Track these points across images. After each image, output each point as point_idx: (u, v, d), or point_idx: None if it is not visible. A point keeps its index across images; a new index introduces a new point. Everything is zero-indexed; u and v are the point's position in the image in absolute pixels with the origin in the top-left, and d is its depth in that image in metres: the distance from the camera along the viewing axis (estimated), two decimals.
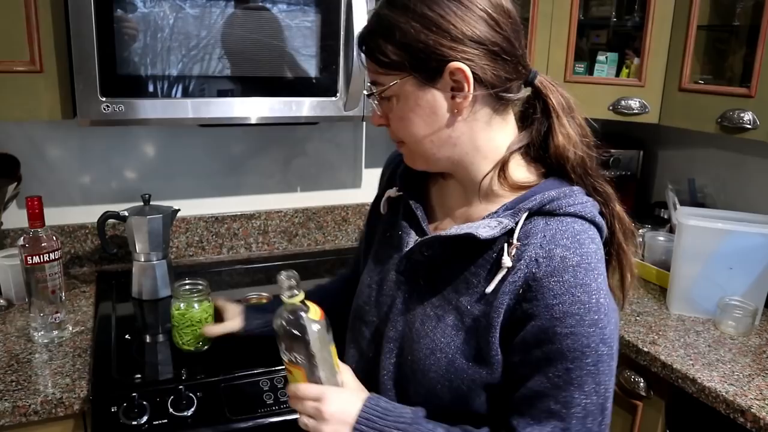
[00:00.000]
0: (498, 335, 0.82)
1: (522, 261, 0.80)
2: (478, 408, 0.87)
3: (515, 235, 0.82)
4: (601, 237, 0.85)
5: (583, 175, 0.87)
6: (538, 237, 0.81)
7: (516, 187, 0.87)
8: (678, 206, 1.80)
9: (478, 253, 0.85)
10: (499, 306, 0.81)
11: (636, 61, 1.80)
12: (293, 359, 0.88)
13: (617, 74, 1.86)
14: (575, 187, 0.85)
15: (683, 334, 1.52)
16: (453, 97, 0.82)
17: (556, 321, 0.77)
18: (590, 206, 0.84)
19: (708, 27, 1.68)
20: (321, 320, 0.88)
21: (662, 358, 1.39)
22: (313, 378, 0.89)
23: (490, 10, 0.80)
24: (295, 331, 0.87)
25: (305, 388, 0.88)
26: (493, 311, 0.81)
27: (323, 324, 0.88)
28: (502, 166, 0.87)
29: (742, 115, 1.52)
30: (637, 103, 1.76)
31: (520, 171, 0.88)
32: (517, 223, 0.83)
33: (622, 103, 1.77)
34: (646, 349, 1.43)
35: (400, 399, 0.91)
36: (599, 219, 0.85)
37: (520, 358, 0.81)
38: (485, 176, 0.87)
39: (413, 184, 0.97)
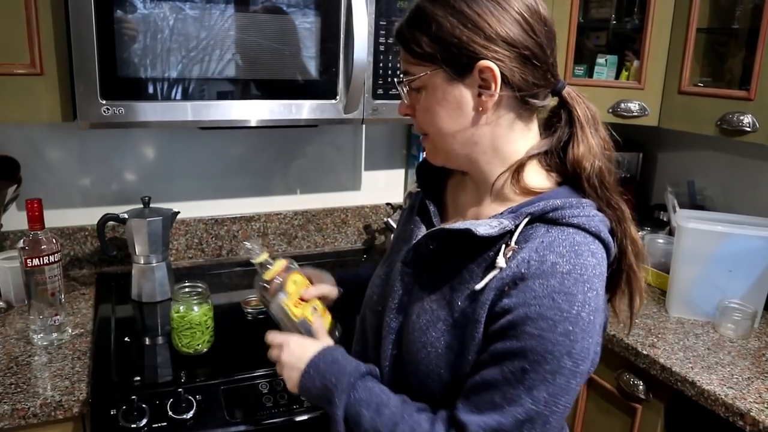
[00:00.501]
0: (482, 332, 0.82)
1: (513, 261, 0.81)
2: None
3: (514, 238, 0.82)
4: (608, 254, 0.85)
5: (600, 187, 0.87)
6: (536, 242, 0.81)
7: (527, 191, 0.87)
8: (677, 209, 1.80)
9: (478, 251, 0.85)
10: (485, 302, 0.81)
11: (635, 63, 1.80)
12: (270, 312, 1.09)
13: (617, 77, 1.86)
14: (585, 200, 0.85)
15: (683, 336, 1.52)
16: (479, 95, 0.83)
17: (528, 320, 0.77)
18: (597, 221, 0.83)
19: (707, 30, 1.68)
20: (282, 274, 1.10)
21: (661, 360, 1.39)
22: (287, 328, 1.06)
23: (526, 15, 0.82)
24: (262, 283, 1.10)
25: (271, 336, 1.02)
26: (479, 307, 0.82)
27: (283, 277, 1.10)
28: (517, 169, 0.87)
29: (741, 117, 1.53)
30: (637, 105, 1.76)
31: (537, 177, 0.88)
32: (517, 226, 0.83)
33: (622, 105, 1.77)
34: (645, 352, 1.43)
35: (400, 390, 0.92)
36: (605, 235, 0.84)
37: (485, 347, 0.81)
38: (498, 177, 0.88)
39: (432, 180, 1.00)
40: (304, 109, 1.51)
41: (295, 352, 0.97)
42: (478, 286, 0.82)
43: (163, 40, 1.35)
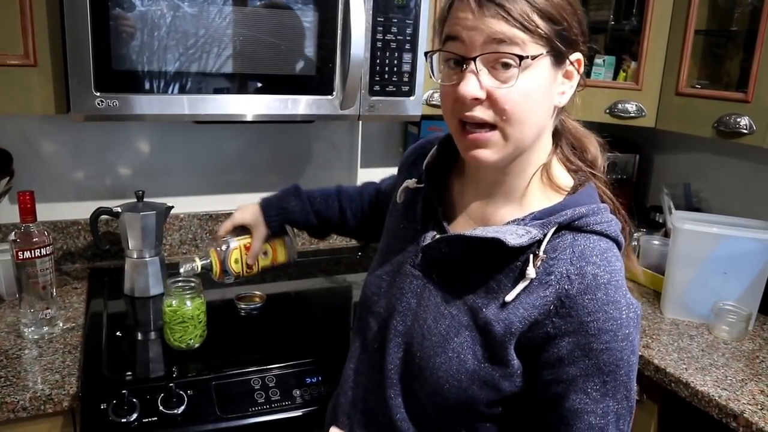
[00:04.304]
0: (515, 343, 0.82)
1: (553, 276, 0.80)
2: (482, 410, 0.86)
3: (542, 248, 0.81)
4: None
5: (606, 184, 0.90)
6: (567, 253, 0.81)
7: (558, 188, 0.87)
8: (673, 210, 1.80)
9: (501, 259, 0.84)
10: (522, 316, 0.81)
11: (633, 64, 1.80)
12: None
13: (614, 77, 1.86)
14: (603, 204, 0.86)
15: (677, 338, 1.52)
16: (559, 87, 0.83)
17: (592, 337, 0.78)
18: (614, 225, 0.85)
19: (705, 32, 1.68)
20: (222, 264, 1.31)
21: (656, 362, 1.39)
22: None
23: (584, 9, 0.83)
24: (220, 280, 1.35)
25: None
26: (515, 319, 0.81)
27: (226, 266, 1.31)
28: (546, 166, 0.87)
29: (738, 119, 1.52)
30: (634, 106, 1.76)
31: (563, 174, 0.89)
32: (545, 235, 0.82)
33: (619, 106, 1.77)
34: (639, 353, 1.42)
35: (405, 394, 0.91)
36: (621, 239, 0.85)
37: (552, 376, 0.81)
38: (534, 175, 0.87)
39: (436, 178, 0.96)
40: (301, 105, 1.50)
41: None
42: (509, 297, 0.82)
43: (159, 33, 1.34)
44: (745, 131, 1.51)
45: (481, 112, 0.78)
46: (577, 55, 0.81)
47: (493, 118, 0.78)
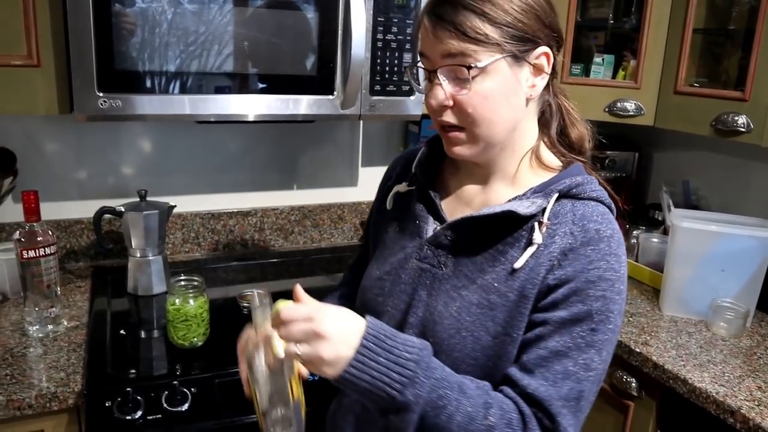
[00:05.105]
0: (531, 306, 0.84)
1: (557, 236, 0.85)
2: (500, 382, 0.87)
3: (546, 215, 0.86)
4: None
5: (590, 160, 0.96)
6: (569, 216, 0.86)
7: (547, 168, 0.92)
8: (672, 208, 1.81)
9: (506, 233, 0.88)
10: (534, 278, 0.84)
11: (632, 63, 1.81)
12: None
13: (613, 76, 1.87)
14: (592, 176, 0.91)
15: (675, 335, 1.53)
16: (528, 81, 0.86)
17: (590, 284, 0.82)
18: (605, 193, 0.91)
19: (704, 30, 1.69)
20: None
21: (654, 358, 1.40)
22: (264, 407, 0.82)
23: (550, 1, 0.86)
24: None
25: (292, 310, 0.78)
26: (528, 284, 0.84)
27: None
28: (535, 150, 0.92)
29: (736, 118, 1.53)
30: (633, 105, 1.77)
31: (550, 156, 0.94)
32: (548, 203, 0.87)
33: (618, 105, 1.78)
34: (638, 350, 1.44)
35: None
36: (613, 206, 0.91)
37: (543, 318, 0.83)
38: (522, 159, 0.91)
39: (429, 176, 0.99)
40: (302, 105, 1.51)
41: (340, 322, 0.77)
42: (518, 264, 0.85)
43: (161, 33, 1.36)
44: (743, 129, 1.52)
45: (449, 117, 0.86)
46: (542, 49, 0.85)
47: (460, 120, 0.86)
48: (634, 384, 1.46)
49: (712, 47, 1.74)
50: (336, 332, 0.76)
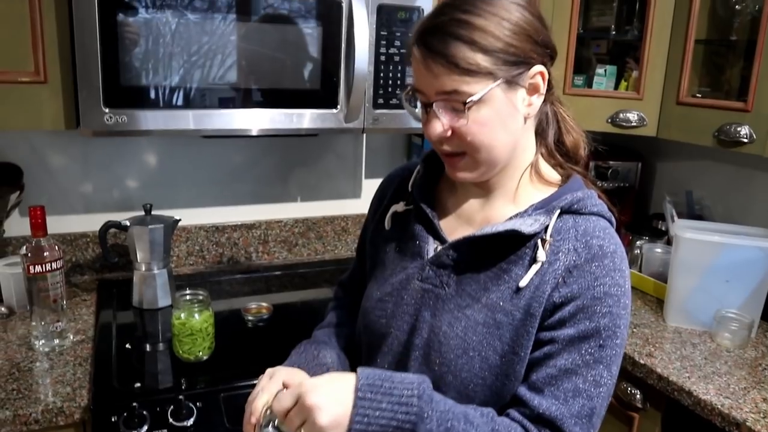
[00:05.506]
0: (537, 324, 0.84)
1: (560, 253, 0.85)
2: (508, 399, 0.88)
3: (548, 232, 0.86)
4: None
5: (585, 168, 0.98)
6: (571, 232, 0.86)
7: (548, 183, 0.92)
8: (676, 218, 1.81)
9: (509, 252, 0.88)
10: (539, 296, 0.84)
11: (634, 73, 1.81)
12: None
13: (616, 87, 1.88)
14: (592, 190, 0.92)
15: (680, 346, 1.53)
16: (526, 100, 0.86)
17: (597, 300, 0.82)
18: (606, 207, 0.92)
19: (706, 41, 1.70)
20: None
21: (658, 370, 1.40)
22: None
23: (542, 16, 0.86)
24: None
25: (280, 401, 0.81)
26: (533, 302, 0.84)
27: None
28: (534, 166, 0.92)
29: (738, 129, 1.54)
30: (636, 116, 1.77)
31: (550, 170, 0.94)
32: (551, 220, 0.87)
33: (621, 115, 1.78)
34: (642, 362, 1.43)
35: None
36: (613, 219, 0.92)
37: (550, 336, 0.84)
38: (522, 176, 0.92)
39: (426, 196, 0.99)
40: (305, 119, 1.52)
41: (325, 387, 0.79)
42: (522, 283, 0.85)
43: (166, 49, 1.37)
44: (746, 140, 1.53)
45: (449, 145, 0.87)
46: (536, 69, 0.84)
47: (461, 147, 0.86)
48: (638, 396, 1.46)
49: (714, 58, 1.75)
50: (325, 398, 0.77)
